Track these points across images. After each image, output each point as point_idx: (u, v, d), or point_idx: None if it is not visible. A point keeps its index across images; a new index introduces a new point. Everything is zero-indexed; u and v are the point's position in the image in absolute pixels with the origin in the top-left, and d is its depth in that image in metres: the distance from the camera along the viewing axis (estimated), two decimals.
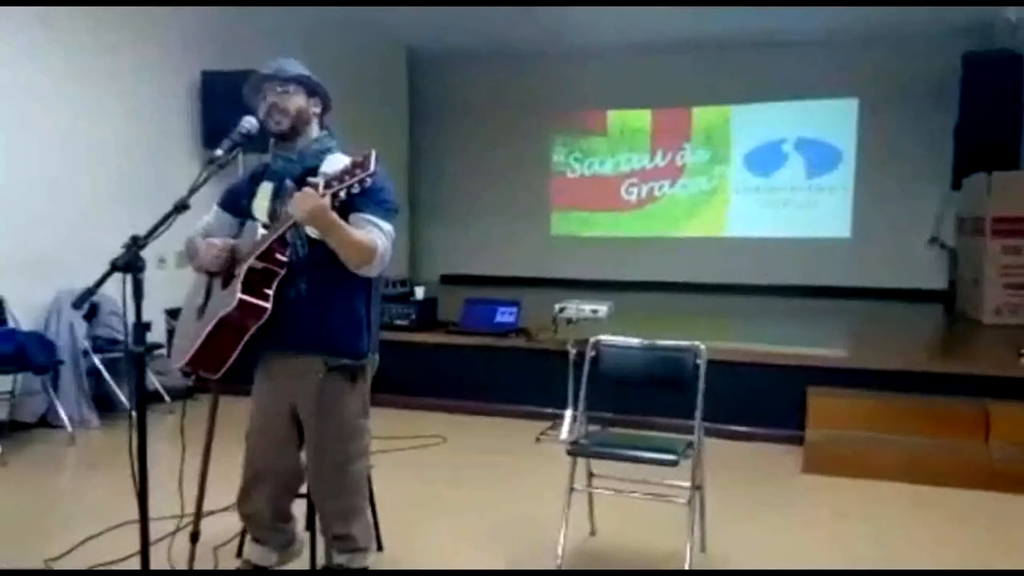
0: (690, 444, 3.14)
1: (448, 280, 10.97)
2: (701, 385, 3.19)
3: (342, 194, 2.46)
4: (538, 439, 5.16)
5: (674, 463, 3.02)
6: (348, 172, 2.45)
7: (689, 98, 10.27)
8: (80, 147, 5.75)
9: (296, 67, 2.77)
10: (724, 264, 10.07)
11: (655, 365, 3.34)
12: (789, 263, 9.83)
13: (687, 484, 3.16)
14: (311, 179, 2.53)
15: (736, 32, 9.09)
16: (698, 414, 3.18)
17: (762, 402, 5.18)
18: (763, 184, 10.21)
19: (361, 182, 2.44)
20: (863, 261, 9.65)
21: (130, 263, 2.09)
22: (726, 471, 4.28)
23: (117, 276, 2.21)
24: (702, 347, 3.24)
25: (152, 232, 2.22)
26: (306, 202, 2.46)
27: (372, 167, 2.43)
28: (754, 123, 10.17)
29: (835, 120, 9.88)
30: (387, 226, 2.67)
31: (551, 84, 10.59)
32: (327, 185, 2.45)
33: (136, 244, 2.12)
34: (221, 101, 6.32)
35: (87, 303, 2.11)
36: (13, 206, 5.24)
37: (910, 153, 9.42)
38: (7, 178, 5.22)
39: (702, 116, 10.38)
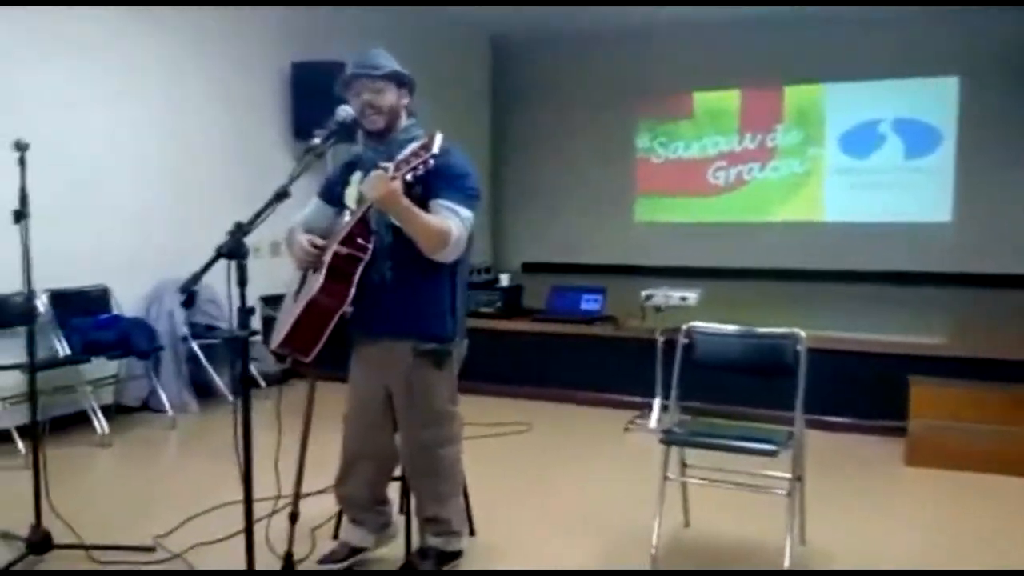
0: (790, 434, 3.04)
1: (530, 268, 10.96)
2: (802, 373, 3.08)
3: (409, 176, 2.51)
4: (627, 428, 5.11)
5: (774, 453, 2.93)
6: (414, 154, 2.51)
7: (780, 77, 9.97)
8: (177, 140, 5.93)
9: (385, 59, 2.79)
10: (818, 250, 9.77)
11: (753, 353, 3.24)
12: (887, 248, 9.48)
13: (786, 475, 3.06)
14: (381, 163, 2.56)
15: (829, 8, 8.77)
16: (799, 403, 3.07)
17: (861, 392, 5.01)
18: (859, 166, 9.85)
19: (425, 163, 2.49)
20: (965, 246, 9.24)
21: (234, 250, 2.12)
22: (825, 462, 4.16)
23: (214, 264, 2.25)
24: (802, 334, 3.13)
25: (255, 219, 2.26)
26: (376, 186, 2.50)
27: (436, 148, 2.48)
28: (849, 103, 9.80)
29: (934, 99, 9.47)
30: (465, 212, 2.68)
31: (635, 67, 10.43)
32: (396, 168, 2.50)
33: (240, 231, 2.16)
34: (310, 92, 6.43)
35: (193, 288, 2.15)
36: (116, 199, 5.45)
37: (1014, 132, 8.96)
38: (109, 172, 5.42)
39: (794, 95, 10.06)
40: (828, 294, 8.65)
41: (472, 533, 3.29)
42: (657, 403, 5.06)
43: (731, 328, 3.32)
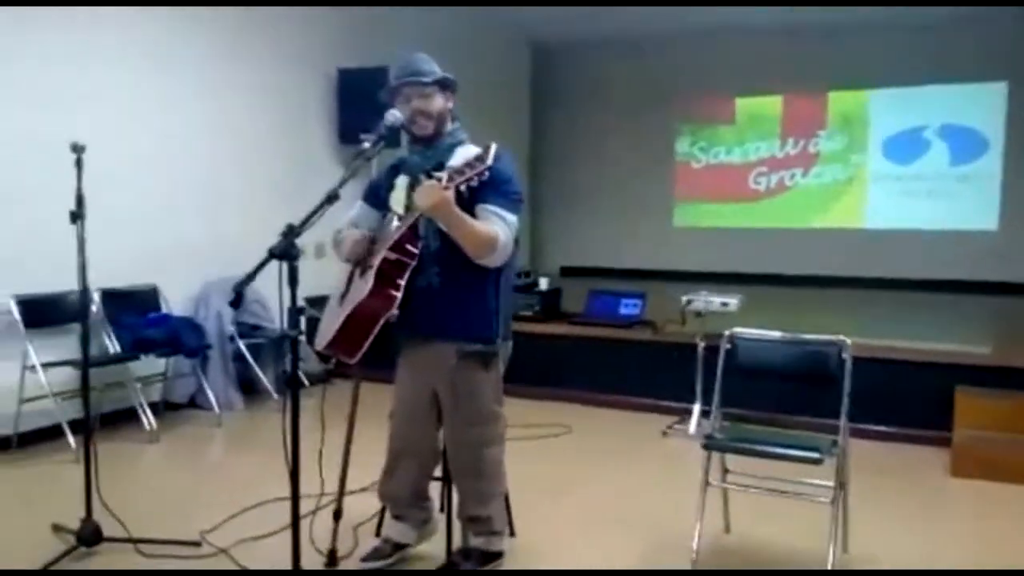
0: (834, 442, 3.02)
1: (568, 272, 10.95)
2: (847, 381, 3.06)
3: (463, 187, 2.55)
4: (665, 433, 5.10)
5: (819, 461, 2.92)
6: (469, 165, 2.55)
7: (824, 83, 9.89)
8: (226, 143, 6.04)
9: (429, 65, 2.83)
10: (862, 257, 9.67)
11: (796, 360, 3.22)
12: (932, 256, 9.35)
13: (829, 483, 3.04)
14: (435, 173, 2.61)
15: (874, 12, 8.67)
16: (844, 411, 3.06)
17: (905, 401, 4.95)
18: (904, 173, 9.73)
19: (480, 175, 2.53)
20: (1011, 254, 9.07)
21: (286, 251, 2.17)
22: (868, 471, 4.11)
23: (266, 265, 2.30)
24: (848, 341, 3.11)
25: (306, 221, 2.31)
26: (429, 195, 2.55)
27: (490, 160, 2.52)
28: (894, 109, 9.70)
29: (982, 105, 9.33)
30: (511, 217, 2.73)
31: (676, 72, 10.40)
32: (449, 178, 2.53)
33: (292, 233, 2.21)
34: (356, 97, 6.51)
35: (245, 288, 2.21)
36: (166, 199, 5.56)
37: None
38: (160, 173, 5.54)
39: (838, 101, 9.96)
40: (871, 302, 8.54)
41: (512, 534, 3.31)
42: (697, 408, 5.05)
43: (775, 334, 3.31)
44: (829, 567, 2.94)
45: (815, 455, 2.93)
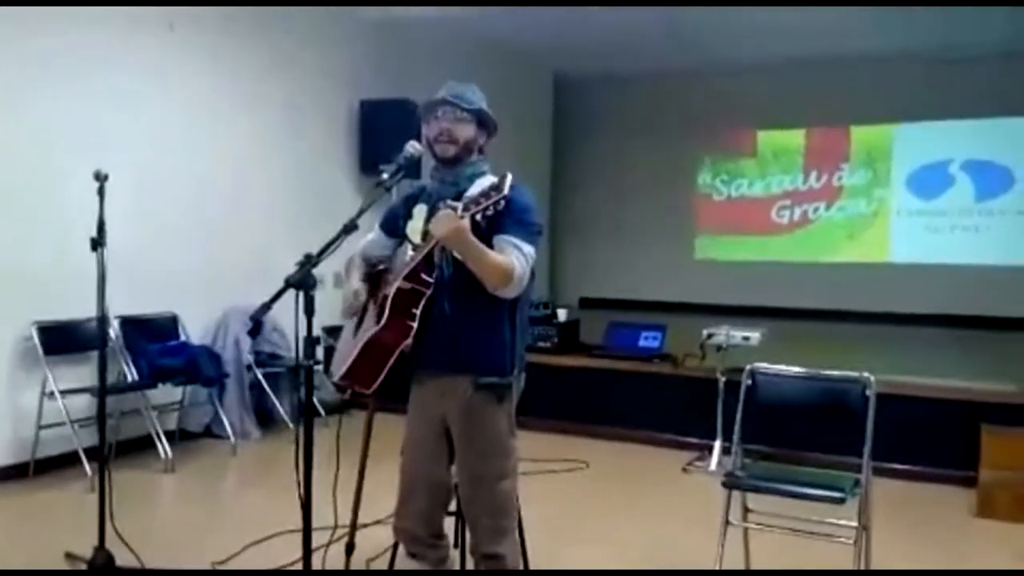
0: (857, 481, 2.96)
1: (587, 304, 10.90)
2: (870, 418, 3.00)
3: (479, 216, 2.52)
4: (685, 469, 5.02)
5: (841, 500, 2.85)
6: (485, 195, 2.52)
7: (847, 117, 9.87)
8: (247, 172, 6.08)
9: (476, 96, 2.79)
10: (886, 291, 9.57)
11: (819, 396, 3.17)
12: (956, 292, 9.23)
13: (852, 523, 2.97)
14: (450, 202, 2.59)
15: (899, 48, 8.66)
16: (867, 449, 2.99)
17: (929, 439, 4.85)
18: (927, 207, 9.67)
19: (495, 204, 2.50)
20: None
21: (303, 281, 2.16)
22: (891, 511, 4.02)
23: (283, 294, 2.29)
24: (871, 378, 3.06)
25: (323, 251, 2.30)
26: (445, 223, 2.51)
27: (506, 190, 2.49)
28: (918, 143, 9.67)
29: (1007, 140, 9.29)
30: (528, 248, 2.68)
31: (697, 105, 10.42)
32: (465, 208, 2.51)
33: (309, 262, 2.20)
34: (377, 128, 6.56)
35: (263, 317, 2.20)
36: (187, 228, 5.59)
37: None
38: (182, 202, 5.58)
39: (861, 135, 9.94)
40: (895, 337, 8.43)
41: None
42: (718, 445, 4.97)
43: (797, 370, 3.25)
44: None
45: (838, 495, 2.86)
